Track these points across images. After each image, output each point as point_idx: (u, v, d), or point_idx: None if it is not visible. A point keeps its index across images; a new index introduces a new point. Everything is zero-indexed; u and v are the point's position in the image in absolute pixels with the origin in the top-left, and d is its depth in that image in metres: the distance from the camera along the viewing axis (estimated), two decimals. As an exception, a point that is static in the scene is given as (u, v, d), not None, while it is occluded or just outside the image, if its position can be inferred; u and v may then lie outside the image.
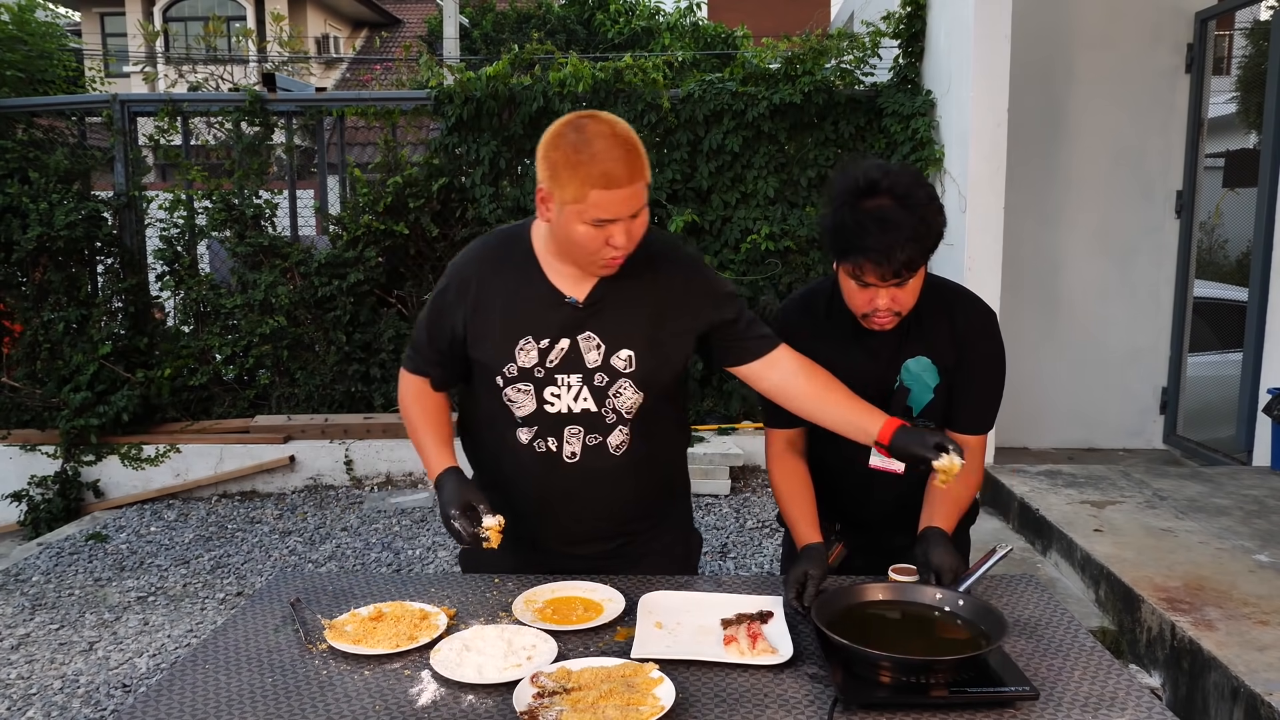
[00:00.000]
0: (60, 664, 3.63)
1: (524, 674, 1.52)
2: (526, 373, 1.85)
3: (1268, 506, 3.55)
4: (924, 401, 1.98)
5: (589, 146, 1.65)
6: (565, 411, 1.87)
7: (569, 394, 1.86)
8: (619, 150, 1.67)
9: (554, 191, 1.69)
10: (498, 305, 1.85)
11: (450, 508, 1.78)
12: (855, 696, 1.47)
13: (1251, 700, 2.19)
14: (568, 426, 1.88)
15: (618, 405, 1.88)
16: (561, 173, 1.67)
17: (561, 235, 1.74)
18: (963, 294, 2.04)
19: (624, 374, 1.86)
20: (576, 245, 1.73)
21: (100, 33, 19.26)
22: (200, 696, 1.53)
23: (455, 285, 1.89)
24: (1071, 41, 5.41)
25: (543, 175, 1.70)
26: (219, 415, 5.92)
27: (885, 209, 1.77)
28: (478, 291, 1.86)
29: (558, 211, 1.71)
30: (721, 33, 12.27)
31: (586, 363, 1.85)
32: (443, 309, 1.90)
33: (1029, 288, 5.37)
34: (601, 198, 1.66)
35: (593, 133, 1.67)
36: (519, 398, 1.87)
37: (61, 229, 5.57)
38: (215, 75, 12.40)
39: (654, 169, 5.56)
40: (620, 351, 1.85)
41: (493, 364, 1.86)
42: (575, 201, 1.67)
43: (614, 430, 1.89)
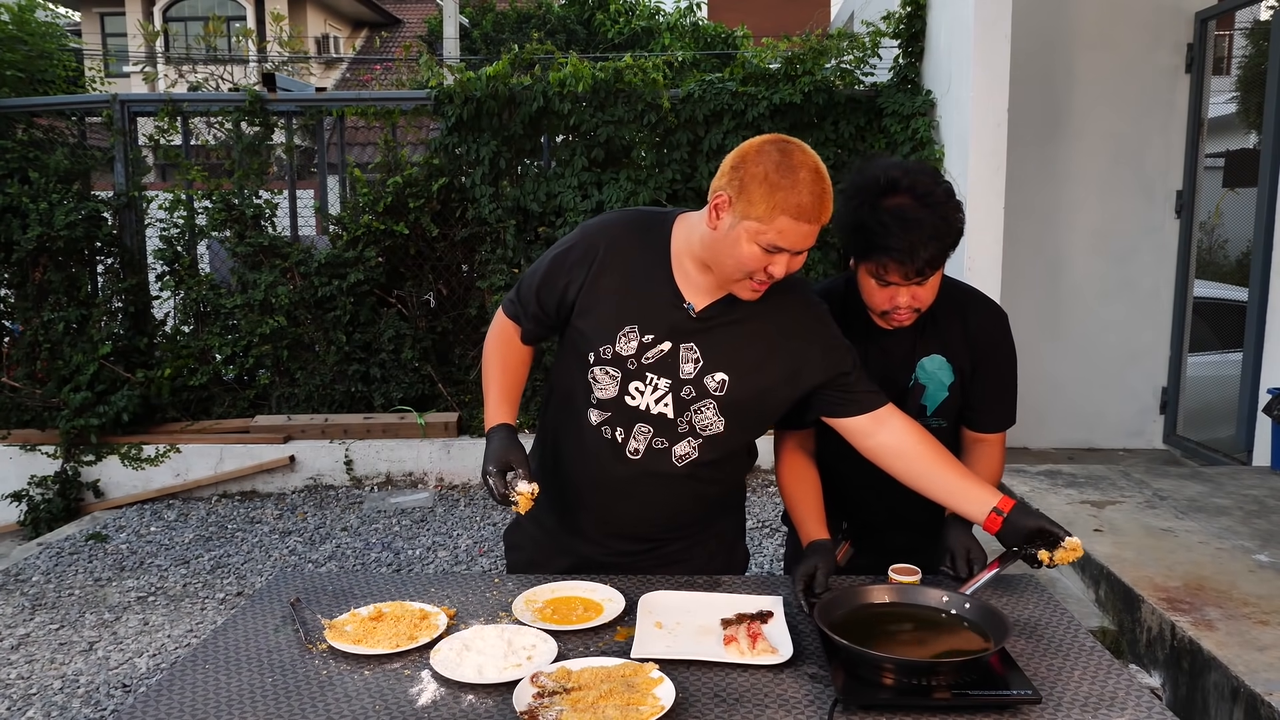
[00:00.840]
0: (60, 664, 3.63)
1: (524, 674, 1.52)
2: (620, 360, 1.85)
3: (1268, 506, 3.55)
4: (939, 400, 2.00)
5: (793, 173, 1.63)
6: (643, 409, 1.86)
7: (652, 394, 1.85)
8: (819, 186, 1.65)
9: (737, 204, 1.66)
10: (615, 284, 1.84)
11: (490, 463, 1.79)
12: (856, 697, 1.47)
13: (1251, 700, 2.19)
14: (639, 423, 1.87)
15: (695, 421, 1.86)
16: (755, 189, 1.64)
17: (723, 246, 1.70)
18: (974, 295, 2.05)
19: (711, 395, 1.84)
20: (734, 260, 1.70)
21: (100, 33, 19.26)
22: (200, 696, 1.52)
23: (582, 248, 1.87)
24: (1071, 41, 5.41)
25: (728, 184, 1.67)
26: (219, 415, 5.92)
27: (906, 207, 1.77)
28: (602, 263, 1.84)
29: (732, 223, 1.68)
30: (721, 33, 12.28)
31: (680, 372, 1.84)
32: (561, 267, 1.87)
33: (1029, 288, 5.37)
34: (788, 226, 1.64)
35: (798, 161, 1.65)
36: (604, 379, 1.86)
37: (61, 229, 5.57)
38: (215, 75, 12.41)
39: (654, 169, 5.65)
40: (716, 373, 1.83)
41: (591, 339, 1.86)
42: (759, 220, 1.64)
43: (683, 440, 1.87)
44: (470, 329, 6.01)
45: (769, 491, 5.42)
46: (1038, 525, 1.74)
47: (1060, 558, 1.72)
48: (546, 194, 5.70)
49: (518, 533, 2.16)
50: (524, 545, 2.12)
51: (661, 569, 1.99)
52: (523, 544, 2.12)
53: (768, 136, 1.71)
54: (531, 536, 2.09)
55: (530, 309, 1.93)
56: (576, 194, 5.65)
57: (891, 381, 1.99)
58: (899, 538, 2.05)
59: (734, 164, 1.69)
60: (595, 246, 1.86)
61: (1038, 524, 1.74)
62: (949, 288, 1.99)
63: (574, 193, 5.65)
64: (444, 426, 5.76)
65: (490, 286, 5.75)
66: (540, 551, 2.06)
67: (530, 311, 1.94)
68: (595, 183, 5.67)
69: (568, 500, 1.99)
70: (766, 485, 5.52)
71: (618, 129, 5.61)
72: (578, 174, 5.67)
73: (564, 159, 5.75)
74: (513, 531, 2.18)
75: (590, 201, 5.62)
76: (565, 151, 5.76)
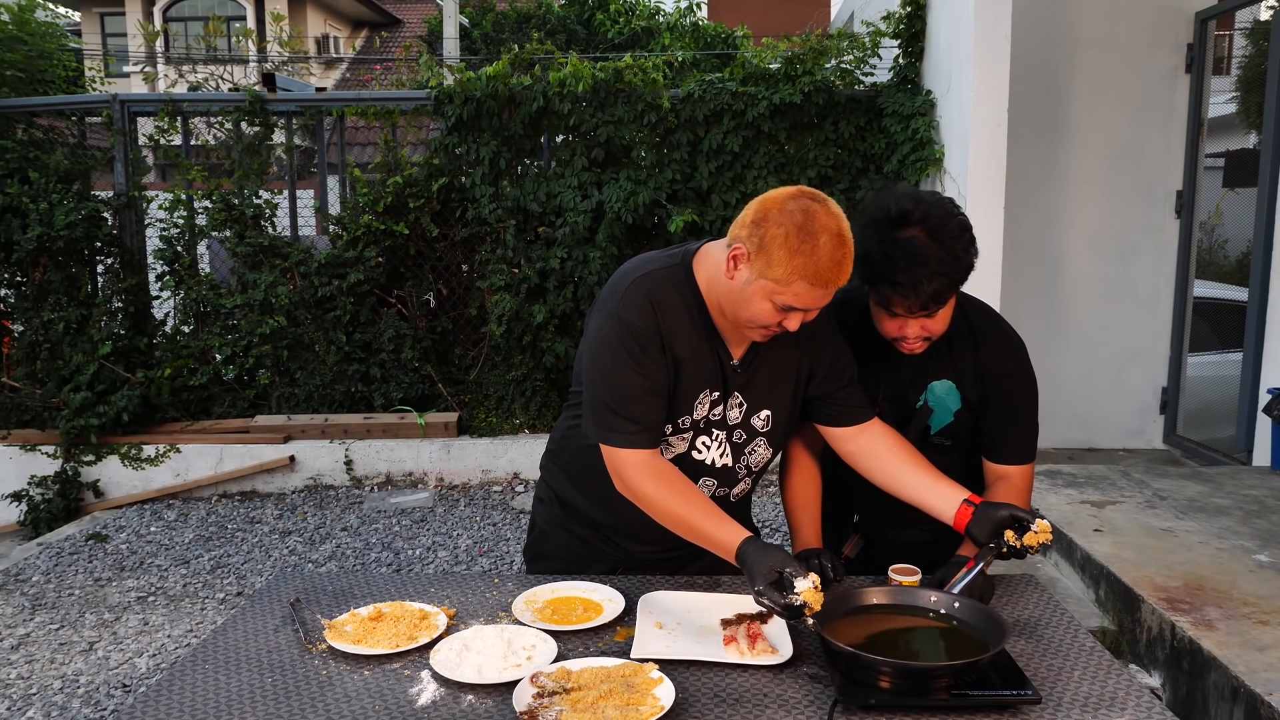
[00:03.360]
0: (60, 664, 3.63)
1: (524, 674, 1.52)
2: (695, 423, 1.84)
3: (1268, 506, 3.55)
4: (943, 423, 2.01)
5: (814, 239, 1.61)
6: (709, 463, 1.88)
7: (716, 449, 1.87)
8: (839, 253, 1.63)
9: (756, 261, 1.64)
10: (682, 350, 1.77)
11: (758, 583, 1.58)
12: (855, 697, 1.47)
13: (1251, 700, 2.18)
14: (704, 477, 1.89)
15: (750, 462, 1.91)
16: (775, 251, 1.62)
17: (738, 298, 1.69)
18: (991, 323, 2.01)
19: (761, 433, 1.88)
20: (748, 314, 1.69)
21: (100, 33, 19.26)
22: (200, 696, 1.53)
23: (645, 319, 1.74)
24: (1071, 41, 5.41)
25: (747, 238, 1.65)
26: (219, 415, 5.91)
27: (916, 241, 1.76)
28: (666, 330, 1.76)
29: (749, 278, 1.66)
30: (721, 33, 12.28)
31: (729, 420, 1.86)
32: (651, 346, 1.74)
33: (1029, 288, 5.37)
34: (804, 291, 1.64)
35: (820, 225, 1.62)
36: (676, 443, 1.85)
37: (61, 229, 5.56)
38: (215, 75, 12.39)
39: (654, 169, 5.65)
40: (760, 411, 1.87)
41: (672, 412, 1.81)
42: (776, 282, 1.63)
43: (740, 483, 1.93)
44: (470, 329, 6.01)
45: (769, 491, 5.42)
46: (1008, 514, 1.74)
47: (1030, 540, 1.70)
48: (546, 194, 5.70)
49: (546, 544, 2.10)
50: (555, 554, 2.06)
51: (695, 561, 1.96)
52: (554, 553, 2.07)
53: (792, 191, 1.68)
54: (563, 545, 2.06)
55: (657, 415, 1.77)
56: (576, 194, 5.65)
57: (902, 399, 2.00)
58: (908, 532, 2.06)
59: (755, 218, 1.66)
60: (653, 315, 1.75)
61: (1008, 512, 1.74)
62: (969, 313, 1.98)
63: (574, 193, 5.65)
64: (444, 426, 5.77)
65: (490, 286, 5.75)
66: (575, 560, 2.02)
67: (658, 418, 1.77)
68: (595, 183, 5.67)
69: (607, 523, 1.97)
70: (767, 485, 5.52)
71: (618, 129, 5.61)
72: (578, 174, 5.67)
73: (564, 159, 5.75)
74: (539, 542, 2.12)
75: (590, 201, 5.62)
76: (565, 151, 5.76)
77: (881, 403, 2.01)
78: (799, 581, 1.53)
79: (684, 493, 1.74)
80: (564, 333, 5.78)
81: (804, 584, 1.52)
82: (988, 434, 2.00)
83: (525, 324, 5.72)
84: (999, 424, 1.99)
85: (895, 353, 1.95)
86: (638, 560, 1.99)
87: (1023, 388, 1.99)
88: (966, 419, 2.00)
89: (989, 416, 1.99)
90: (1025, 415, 2.00)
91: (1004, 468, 2.00)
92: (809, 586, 1.52)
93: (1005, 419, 1.99)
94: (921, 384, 1.99)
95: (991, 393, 1.97)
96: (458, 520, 5.17)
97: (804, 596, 1.52)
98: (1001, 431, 2.00)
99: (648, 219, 5.64)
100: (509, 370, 5.86)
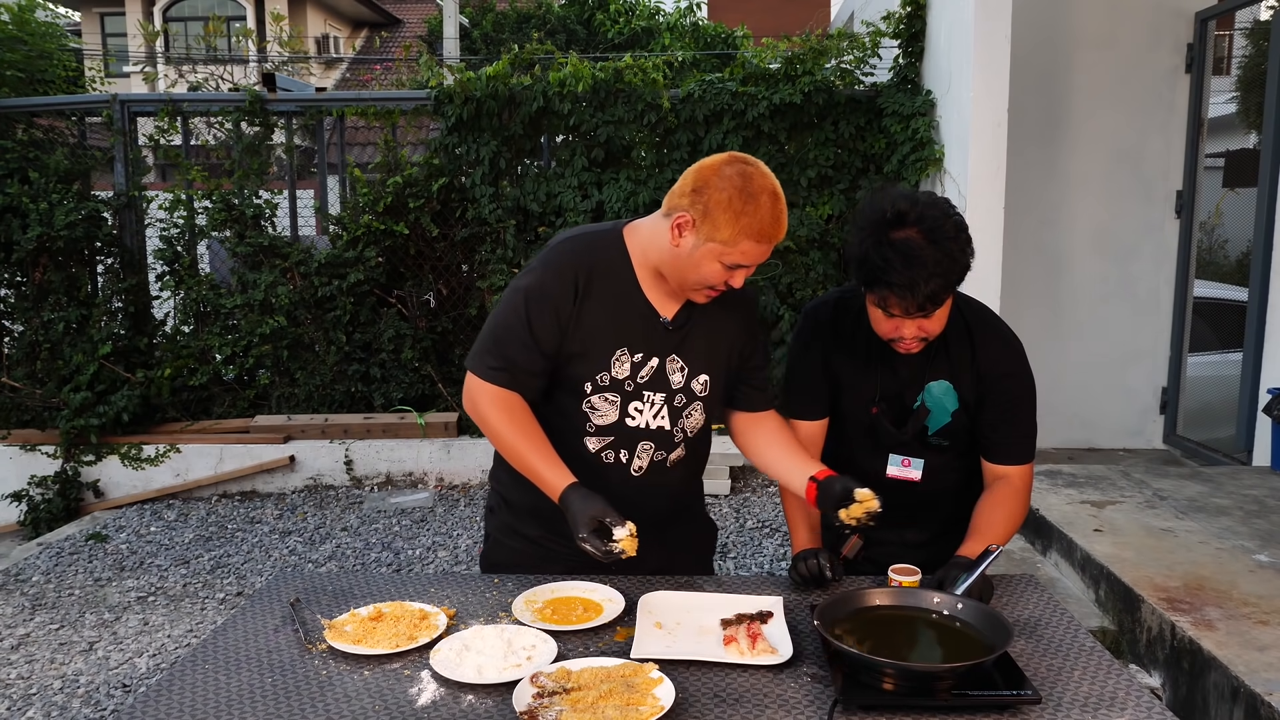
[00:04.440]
0: (60, 664, 3.63)
1: (524, 674, 1.52)
2: (618, 384, 1.88)
3: (1268, 506, 3.55)
4: (940, 423, 2.01)
5: (755, 199, 1.72)
6: (643, 427, 1.91)
7: (650, 411, 1.91)
8: (777, 208, 1.75)
9: (702, 226, 1.74)
10: (600, 310, 1.85)
11: (581, 529, 1.70)
12: (855, 697, 1.47)
13: (1251, 700, 2.18)
14: (641, 442, 1.93)
15: (687, 425, 1.96)
16: (719, 214, 1.72)
17: (686, 263, 1.78)
18: (989, 323, 2.01)
19: (700, 397, 1.94)
20: (697, 275, 1.79)
21: (100, 33, 19.25)
22: (200, 696, 1.53)
23: (560, 280, 1.83)
24: (1071, 41, 5.41)
25: (690, 205, 1.75)
26: (219, 415, 5.92)
27: (912, 242, 1.76)
28: (583, 291, 1.84)
29: (695, 243, 1.76)
30: (721, 33, 12.28)
31: (671, 383, 1.91)
32: (549, 305, 1.82)
33: (1029, 288, 5.37)
34: (750, 248, 1.75)
35: (759, 186, 1.73)
36: (603, 406, 1.89)
37: (61, 229, 5.57)
38: (215, 75, 12.40)
39: (654, 169, 5.65)
40: (700, 376, 1.93)
41: (586, 369, 1.86)
42: (724, 244, 1.74)
43: (678, 448, 1.97)
44: (470, 329, 6.01)
45: (769, 491, 5.42)
46: (842, 486, 1.80)
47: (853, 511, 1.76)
48: (546, 194, 5.70)
49: (499, 552, 2.09)
50: (509, 561, 2.05)
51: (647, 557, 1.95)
52: (507, 560, 2.06)
53: (725, 157, 1.78)
54: (516, 551, 2.04)
55: (531, 367, 1.84)
56: (576, 194, 5.65)
57: (899, 400, 2.00)
58: (906, 533, 2.06)
59: (695, 186, 1.75)
60: (572, 277, 1.83)
61: (841, 485, 1.80)
62: (966, 313, 1.98)
63: (574, 193, 5.65)
64: (444, 426, 5.77)
65: (490, 286, 5.75)
66: (530, 564, 2.01)
67: (533, 367, 1.84)
68: (595, 183, 5.67)
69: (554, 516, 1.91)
70: (767, 485, 5.52)
71: (618, 129, 5.61)
72: (578, 174, 5.67)
73: (564, 159, 5.75)
74: (492, 552, 2.12)
75: (590, 201, 5.62)
76: (565, 151, 5.76)
77: (879, 403, 2.01)
78: (617, 530, 1.68)
79: (527, 430, 1.84)
80: (564, 333, 5.77)
81: (621, 532, 1.67)
82: (986, 434, 2.00)
83: (525, 324, 5.71)
84: (997, 424, 1.99)
85: (892, 353, 1.95)
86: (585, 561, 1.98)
87: (1020, 387, 1.99)
88: (964, 419, 2.00)
89: (987, 417, 1.99)
90: (1023, 415, 2.00)
91: (1003, 468, 2.00)
92: (626, 534, 1.67)
93: (1003, 419, 1.99)
94: (918, 384, 1.99)
95: (989, 393, 1.97)
96: (458, 520, 5.17)
97: (622, 544, 1.67)
98: (1000, 431, 1.99)
99: (647, 219, 5.63)
100: (509, 370, 5.86)
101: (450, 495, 5.61)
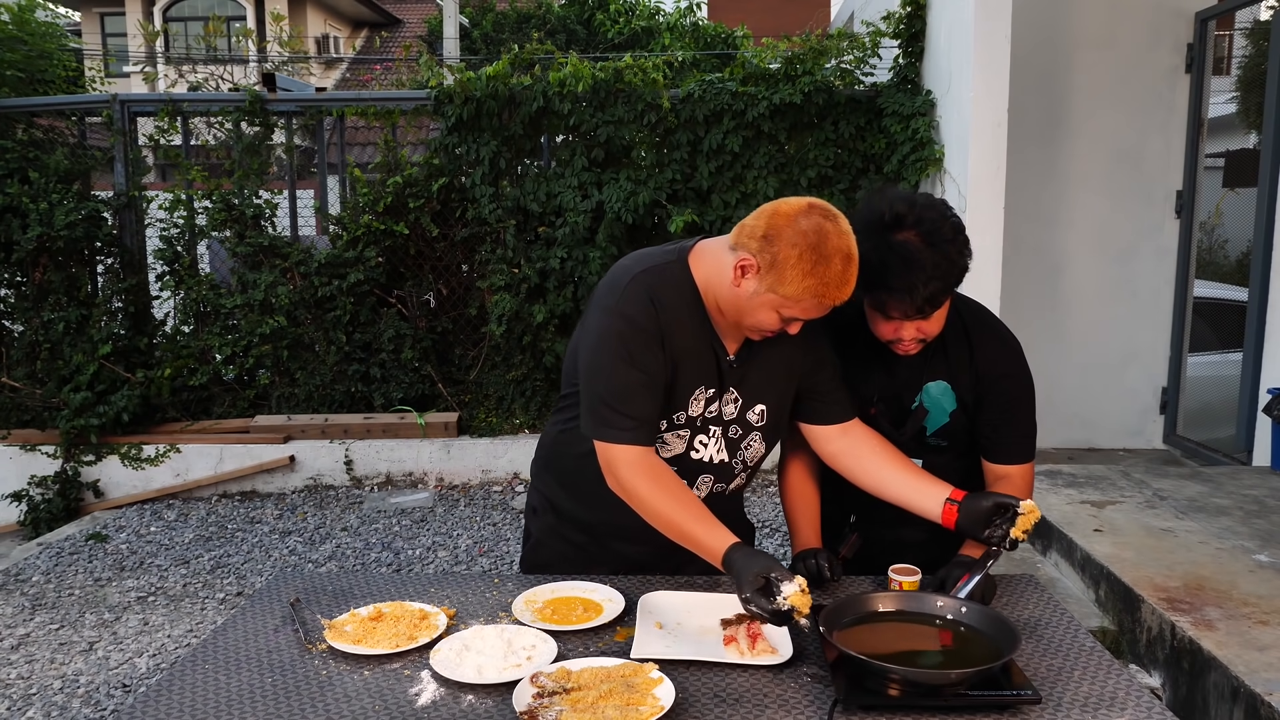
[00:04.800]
0: (60, 664, 3.63)
1: (524, 674, 1.52)
2: (691, 420, 1.85)
3: (1268, 506, 3.55)
4: (939, 424, 2.01)
5: (827, 262, 1.64)
6: (706, 460, 1.88)
7: (713, 445, 1.88)
8: (849, 273, 1.67)
9: (766, 276, 1.66)
10: (679, 347, 1.78)
11: (745, 589, 1.57)
12: (855, 697, 1.47)
13: (1251, 700, 2.18)
14: (702, 475, 1.90)
15: (746, 457, 1.92)
16: (788, 271, 1.64)
17: (744, 306, 1.72)
18: (986, 322, 2.02)
19: (756, 428, 1.90)
20: (753, 321, 1.73)
21: (100, 33, 19.25)
22: (200, 696, 1.53)
23: (646, 316, 1.74)
24: (1071, 41, 5.41)
25: (759, 252, 1.66)
26: (219, 415, 5.91)
27: (910, 244, 1.76)
28: (664, 327, 1.76)
29: (757, 289, 1.68)
30: (721, 33, 12.28)
31: (724, 415, 1.87)
32: (649, 345, 1.74)
33: (1029, 288, 5.37)
34: (812, 306, 1.69)
35: (834, 248, 1.64)
36: (672, 441, 1.85)
37: (61, 229, 5.56)
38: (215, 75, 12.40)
39: (654, 169, 5.65)
40: (755, 406, 1.89)
41: (668, 408, 1.81)
42: (786, 298, 1.67)
43: (736, 478, 1.94)
44: (470, 329, 6.01)
45: (769, 491, 5.42)
46: (992, 503, 1.76)
47: (1022, 524, 1.72)
48: (546, 194, 5.70)
49: (542, 552, 2.08)
50: (552, 563, 2.04)
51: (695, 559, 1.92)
52: (550, 562, 2.04)
53: (803, 207, 1.67)
54: (559, 553, 2.04)
55: (653, 412, 1.76)
56: (576, 194, 5.65)
57: (897, 401, 2.00)
58: (906, 532, 2.06)
59: (767, 233, 1.66)
60: (653, 313, 1.75)
61: (992, 501, 1.76)
62: (964, 313, 1.99)
63: (574, 193, 5.65)
64: (444, 426, 5.76)
65: (490, 286, 5.75)
66: (573, 568, 2.00)
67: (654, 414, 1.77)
68: (595, 183, 5.67)
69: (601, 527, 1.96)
70: (767, 485, 5.52)
71: (618, 129, 5.61)
72: (578, 174, 5.67)
73: (564, 159, 5.75)
74: (536, 552, 2.10)
75: (590, 201, 5.62)
76: (565, 151, 5.76)
77: (877, 404, 2.01)
78: (785, 586, 1.53)
79: (676, 494, 1.73)
80: (564, 333, 5.78)
81: (790, 588, 1.53)
82: (986, 434, 2.00)
83: (525, 324, 5.73)
84: (997, 424, 1.99)
85: (890, 354, 1.95)
86: (634, 562, 1.99)
87: (1019, 387, 1.99)
88: (962, 420, 2.00)
89: (986, 417, 1.99)
90: (1022, 415, 2.00)
91: (1003, 468, 2.00)
92: (795, 590, 1.52)
93: (1002, 419, 1.99)
94: (916, 385, 1.99)
95: (987, 393, 1.97)
96: (458, 520, 5.17)
97: (791, 601, 1.52)
98: (999, 432, 1.99)
99: (648, 219, 5.64)
100: (509, 370, 5.87)
101: (450, 495, 5.61)
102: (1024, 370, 1.99)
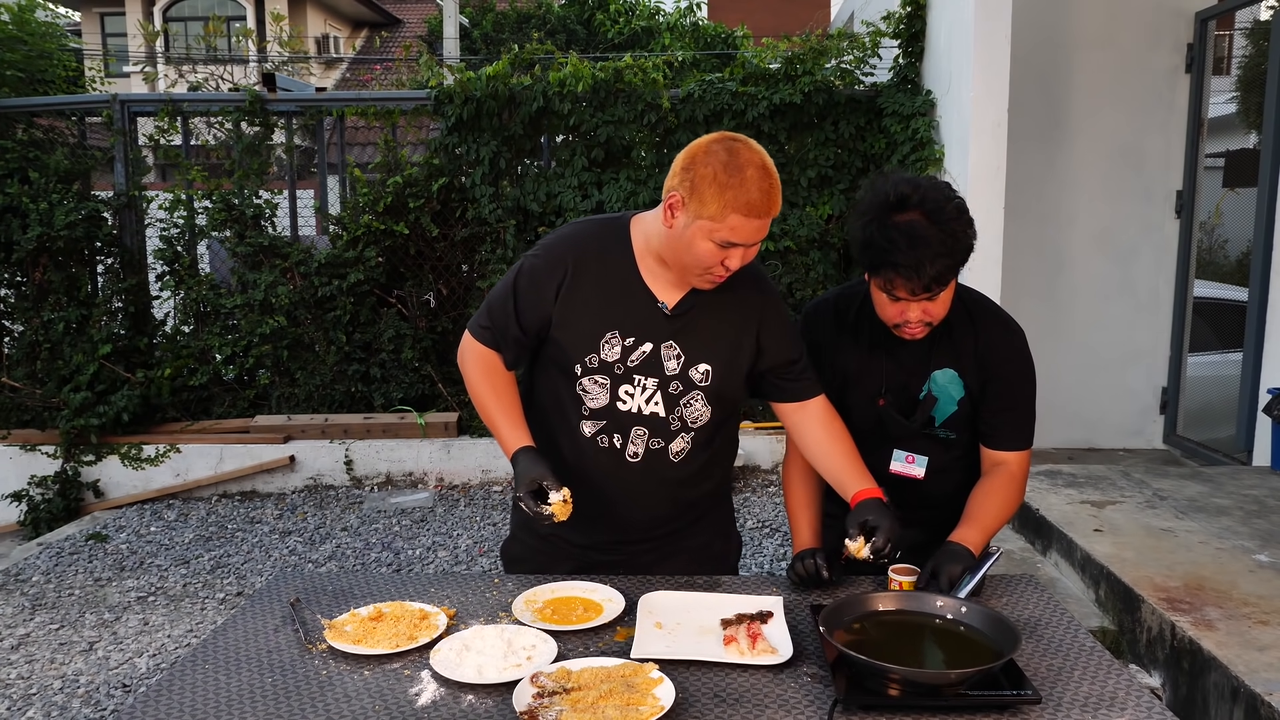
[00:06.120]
0: (60, 664, 3.63)
1: (524, 674, 1.52)
2: (607, 366, 1.88)
3: (1268, 506, 3.55)
4: (948, 412, 2.02)
5: (740, 172, 1.70)
6: (635, 412, 1.90)
7: (641, 395, 1.90)
8: (766, 182, 1.72)
9: (690, 203, 1.73)
10: (591, 293, 1.87)
11: (521, 488, 1.78)
12: (855, 697, 1.47)
13: (1251, 700, 2.18)
14: (635, 427, 1.91)
15: (685, 415, 1.92)
16: (706, 189, 1.70)
17: (679, 244, 1.77)
18: (990, 310, 2.04)
19: (699, 386, 1.91)
20: (691, 257, 1.77)
21: (100, 33, 19.25)
22: (200, 696, 1.53)
23: (550, 262, 1.89)
24: (1071, 41, 5.40)
25: (680, 185, 1.74)
26: (219, 415, 5.92)
27: (915, 224, 1.78)
28: (574, 274, 1.87)
29: (686, 222, 1.74)
30: (721, 33, 12.29)
31: (665, 370, 1.89)
32: (534, 286, 1.89)
33: (1029, 288, 5.36)
34: (739, 223, 1.71)
35: (745, 159, 1.71)
36: (594, 389, 1.90)
37: (61, 229, 5.57)
38: (215, 75, 12.41)
39: (654, 169, 5.65)
40: (699, 365, 1.90)
41: (575, 350, 1.89)
42: (712, 219, 1.71)
43: (677, 437, 1.93)
44: (470, 329, 6.00)
45: (769, 491, 5.42)
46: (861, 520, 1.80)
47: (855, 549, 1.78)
48: (546, 194, 5.70)
49: (515, 545, 2.14)
50: (525, 557, 2.09)
51: (662, 563, 1.99)
52: (523, 555, 2.10)
53: (715, 136, 1.77)
54: (530, 546, 2.08)
55: (511, 334, 1.93)
56: (576, 194, 5.65)
57: (905, 390, 2.01)
58: (906, 533, 2.06)
59: (684, 165, 1.74)
60: (563, 260, 1.88)
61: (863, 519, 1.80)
62: (968, 301, 2.00)
63: (574, 193, 5.65)
64: (444, 426, 5.77)
65: (490, 286, 5.75)
66: (541, 559, 2.04)
67: (511, 337, 1.93)
68: (595, 183, 5.67)
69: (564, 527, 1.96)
70: (767, 485, 5.52)
71: (618, 129, 5.61)
72: (578, 174, 5.67)
73: (564, 159, 5.75)
74: (510, 545, 2.16)
75: (590, 201, 5.62)
76: (565, 151, 5.76)
77: (885, 394, 2.01)
78: (552, 494, 1.74)
79: (499, 390, 1.93)
80: (564, 333, 5.77)
81: (555, 496, 1.74)
82: (987, 420, 2.02)
83: (525, 324, 5.72)
84: (999, 410, 2.00)
85: (895, 344, 1.96)
86: (593, 560, 2.00)
87: (1021, 373, 2.01)
88: (969, 409, 2.01)
89: (989, 403, 2.00)
90: (1023, 402, 2.02)
91: (1001, 454, 2.02)
92: (559, 499, 1.73)
93: (1005, 405, 2.00)
94: (923, 373, 2.00)
95: (992, 379, 1.99)
96: (458, 520, 5.17)
97: (553, 508, 1.73)
98: (1001, 417, 2.01)
99: (648, 219, 5.63)
100: (509, 370, 5.86)
101: (450, 495, 5.61)
102: (1027, 357, 2.02)
